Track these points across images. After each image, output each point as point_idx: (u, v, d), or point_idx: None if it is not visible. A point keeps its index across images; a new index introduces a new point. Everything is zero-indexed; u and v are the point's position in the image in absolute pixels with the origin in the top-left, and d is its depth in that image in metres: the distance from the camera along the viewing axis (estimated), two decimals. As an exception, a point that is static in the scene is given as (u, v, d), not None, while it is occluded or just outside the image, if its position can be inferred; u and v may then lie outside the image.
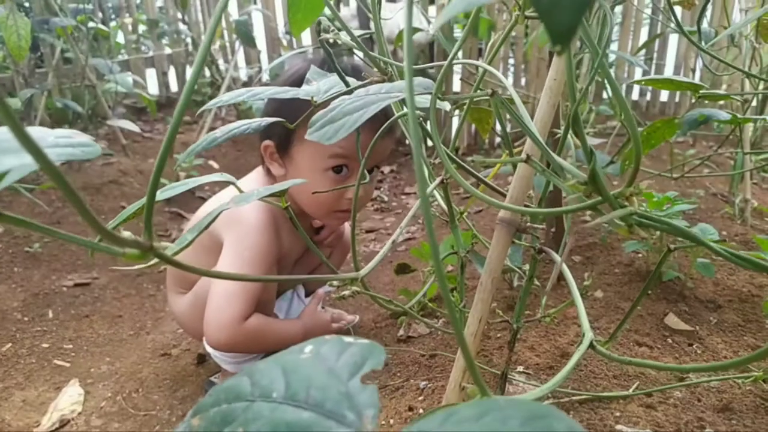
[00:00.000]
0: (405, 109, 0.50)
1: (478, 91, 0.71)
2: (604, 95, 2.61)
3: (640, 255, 1.15)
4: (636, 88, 2.83)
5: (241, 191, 0.47)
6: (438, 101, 0.76)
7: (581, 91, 0.38)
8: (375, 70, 0.64)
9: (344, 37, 0.60)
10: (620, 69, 2.72)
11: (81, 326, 1.42)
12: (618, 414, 0.72)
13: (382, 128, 0.57)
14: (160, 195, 0.43)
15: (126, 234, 0.28)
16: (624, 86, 2.71)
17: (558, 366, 0.83)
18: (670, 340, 0.89)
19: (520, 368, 0.84)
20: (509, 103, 0.39)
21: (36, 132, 0.28)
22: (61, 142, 0.28)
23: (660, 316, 0.96)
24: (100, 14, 2.62)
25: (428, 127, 0.62)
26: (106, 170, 2.11)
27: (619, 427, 0.69)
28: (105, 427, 1.06)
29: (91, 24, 2.07)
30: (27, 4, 2.37)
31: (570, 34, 0.18)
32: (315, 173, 0.99)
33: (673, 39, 2.67)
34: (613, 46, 2.64)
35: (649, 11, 2.58)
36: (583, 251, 1.21)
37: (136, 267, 0.47)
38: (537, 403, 0.23)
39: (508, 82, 0.42)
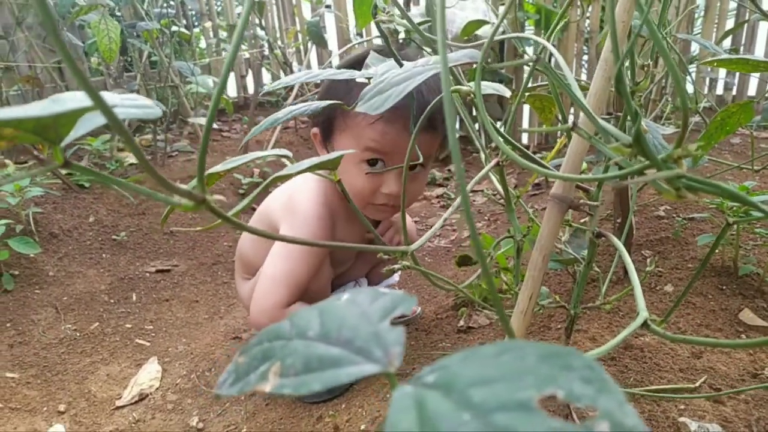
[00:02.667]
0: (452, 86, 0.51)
1: (535, 79, 0.70)
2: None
3: (716, 250, 1.09)
4: (720, 83, 2.67)
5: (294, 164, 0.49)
6: (497, 88, 0.76)
7: (628, 50, 0.37)
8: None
9: (401, 20, 0.62)
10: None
11: (161, 309, 1.51)
12: (683, 407, 0.69)
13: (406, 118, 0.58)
14: (224, 166, 0.46)
15: (182, 186, 0.30)
16: (707, 80, 2.57)
17: (621, 358, 0.81)
18: (744, 336, 0.85)
19: (581, 358, 0.82)
20: (552, 70, 0.39)
21: (104, 94, 0.31)
22: (126, 103, 0.31)
23: (734, 311, 0.91)
24: (184, 21, 2.78)
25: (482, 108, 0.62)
26: (187, 166, 2.23)
27: (682, 419, 0.67)
28: (179, 401, 1.13)
29: (173, 28, 2.20)
30: (119, 13, 2.54)
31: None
32: (351, 164, 0.98)
33: (763, 28, 2.50)
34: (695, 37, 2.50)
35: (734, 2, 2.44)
36: (654, 245, 1.16)
37: (198, 229, 0.50)
38: (557, 345, 0.23)
39: (556, 52, 0.42)
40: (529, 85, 0.81)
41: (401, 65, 0.60)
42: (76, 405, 1.11)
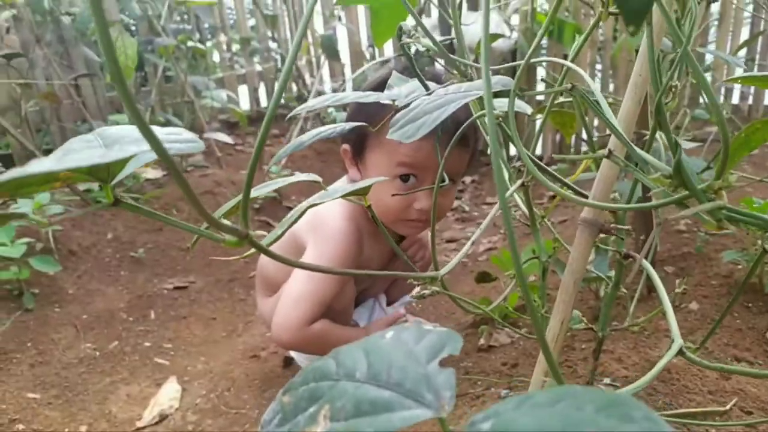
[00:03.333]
0: (483, 109, 0.51)
1: (559, 92, 0.70)
2: (701, 100, 2.47)
3: (739, 266, 1.08)
4: (736, 92, 2.66)
5: (326, 190, 0.49)
6: (519, 105, 0.76)
7: (667, 82, 0.37)
8: (456, 74, 0.65)
9: (425, 41, 0.62)
10: (718, 71, 2.57)
11: (179, 327, 1.51)
12: (714, 431, 0.68)
13: (455, 135, 0.58)
14: (257, 191, 0.47)
15: (226, 222, 0.30)
16: (722, 88, 2.55)
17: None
18: (773, 356, 0.84)
19: (607, 380, 0.82)
20: (590, 98, 0.39)
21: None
22: (171, 138, 0.31)
23: (762, 330, 0.89)
24: (197, 34, 2.80)
25: (507, 128, 0.62)
26: (202, 181, 2.25)
27: (714, 443, 0.65)
28: (199, 422, 1.13)
29: (189, 43, 2.22)
30: (134, 28, 2.58)
31: (642, 14, 0.18)
32: (384, 182, 0.96)
33: (779, 37, 2.49)
34: (710, 48, 2.49)
35: (750, 9, 2.43)
36: (676, 261, 1.15)
37: (232, 258, 0.50)
38: (613, 392, 0.23)
39: (592, 81, 0.42)
40: (537, 98, 0.81)
41: (427, 87, 0.60)
42: (97, 426, 1.11)
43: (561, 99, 0.86)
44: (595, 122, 2.46)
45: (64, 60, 2.29)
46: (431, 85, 0.61)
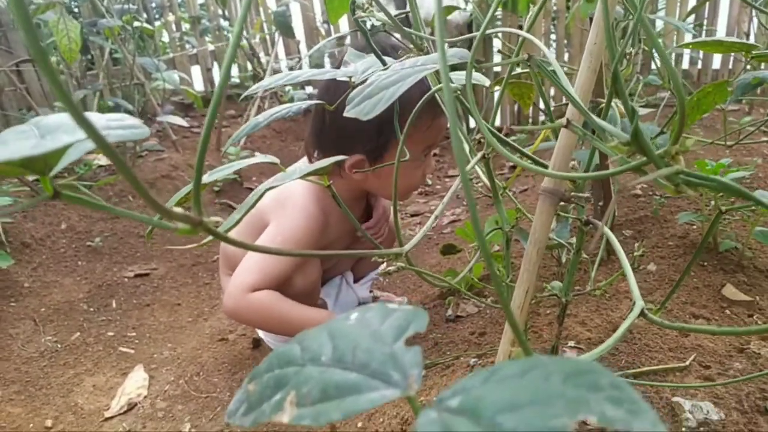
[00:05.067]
0: (441, 84, 0.50)
1: (517, 63, 0.70)
2: (653, 66, 2.52)
3: (694, 227, 1.11)
4: (686, 57, 2.71)
5: (285, 171, 0.48)
6: (477, 77, 0.75)
7: (623, 50, 0.37)
8: (412, 47, 0.64)
9: (381, 15, 0.61)
10: (668, 38, 2.61)
11: (143, 315, 1.48)
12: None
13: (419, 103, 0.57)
14: (211, 176, 0.45)
15: (177, 209, 0.29)
16: (673, 55, 2.60)
17: (610, 340, 0.82)
18: (728, 312, 0.87)
19: (572, 343, 0.83)
20: (547, 67, 0.39)
21: (89, 116, 0.30)
22: (113, 125, 0.29)
23: (717, 287, 0.92)
24: (144, 14, 2.70)
25: (466, 101, 0.61)
26: (158, 165, 2.19)
27: (676, 399, 0.68)
28: (170, 408, 1.11)
29: (136, 23, 2.14)
30: (76, 10, 2.46)
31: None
32: (413, 164, 1.03)
33: (725, 3, 2.54)
34: (660, 15, 2.53)
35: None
36: (633, 225, 1.18)
37: (190, 246, 0.49)
38: (580, 360, 0.23)
39: (548, 51, 0.42)
40: (495, 70, 0.81)
41: (384, 62, 0.59)
42: (63, 419, 1.09)
43: (519, 70, 0.86)
44: (552, 92, 2.49)
45: (2, 45, 2.18)
46: (388, 60, 0.60)
